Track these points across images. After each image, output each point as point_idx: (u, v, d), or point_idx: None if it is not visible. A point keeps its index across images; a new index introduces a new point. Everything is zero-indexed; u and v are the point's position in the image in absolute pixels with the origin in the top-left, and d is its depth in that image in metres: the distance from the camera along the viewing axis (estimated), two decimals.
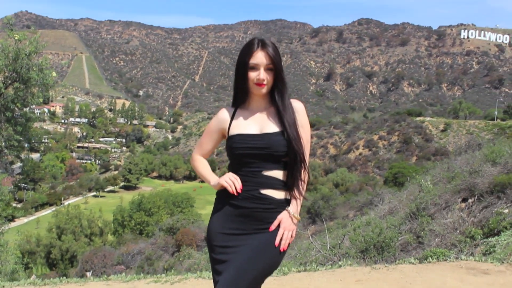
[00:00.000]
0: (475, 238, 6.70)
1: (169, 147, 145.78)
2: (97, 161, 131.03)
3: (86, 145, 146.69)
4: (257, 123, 2.62)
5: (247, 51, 2.61)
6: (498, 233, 6.56)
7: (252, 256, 2.53)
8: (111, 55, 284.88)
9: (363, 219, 9.69)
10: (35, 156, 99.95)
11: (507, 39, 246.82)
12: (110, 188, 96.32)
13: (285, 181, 2.60)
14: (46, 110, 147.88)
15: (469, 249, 6.50)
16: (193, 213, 42.65)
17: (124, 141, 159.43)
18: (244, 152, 2.57)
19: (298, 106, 2.68)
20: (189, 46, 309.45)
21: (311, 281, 5.47)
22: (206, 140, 2.80)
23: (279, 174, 2.59)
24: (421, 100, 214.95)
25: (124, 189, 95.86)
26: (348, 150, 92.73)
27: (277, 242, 2.56)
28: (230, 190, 2.57)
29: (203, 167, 2.79)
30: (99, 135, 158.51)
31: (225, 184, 2.58)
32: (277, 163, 2.57)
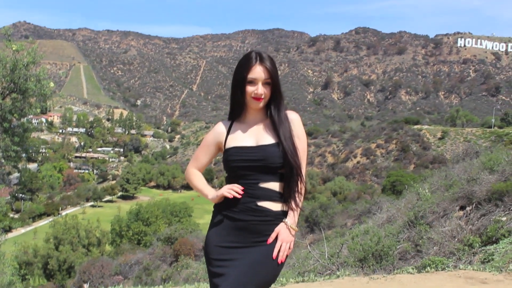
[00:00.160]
0: (473, 246, 6.69)
1: (167, 157, 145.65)
2: (95, 171, 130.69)
3: (83, 155, 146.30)
4: (253, 136, 2.62)
5: (245, 65, 2.61)
6: (496, 241, 6.56)
7: (250, 269, 2.51)
8: (109, 65, 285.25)
9: (361, 228, 9.68)
10: (33, 166, 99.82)
11: (503, 47, 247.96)
12: (107, 198, 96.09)
13: (282, 193, 2.59)
14: (43, 120, 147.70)
15: (468, 257, 6.49)
16: (191, 223, 42.57)
17: (122, 150, 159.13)
18: (240, 164, 2.57)
19: (293, 117, 2.66)
20: (186, 55, 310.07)
21: None
22: (202, 153, 2.78)
23: (276, 186, 2.58)
24: (418, 108, 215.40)
25: (122, 198, 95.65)
26: (346, 158, 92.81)
27: (275, 254, 2.54)
28: (231, 196, 2.55)
29: (199, 181, 2.78)
30: (96, 145, 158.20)
31: (225, 194, 2.57)
32: (273, 175, 2.56)
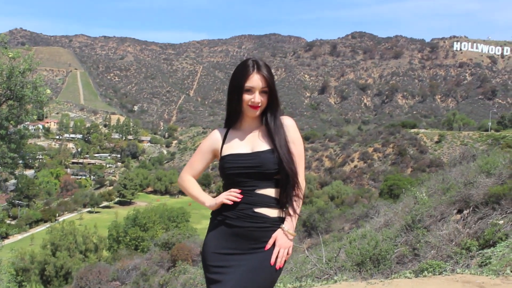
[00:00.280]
0: (470, 249, 6.69)
1: (164, 162, 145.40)
2: (92, 177, 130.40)
3: (80, 161, 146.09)
4: (249, 143, 2.63)
5: (242, 74, 2.61)
6: (493, 244, 6.56)
7: (247, 275, 2.51)
8: (105, 71, 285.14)
9: (358, 232, 9.67)
10: (30, 172, 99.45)
11: (499, 50, 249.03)
12: (105, 203, 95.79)
13: (279, 199, 2.60)
14: (40, 126, 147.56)
15: (465, 260, 6.49)
16: (188, 228, 42.38)
17: (119, 156, 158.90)
18: (236, 171, 2.57)
19: (288, 122, 2.67)
20: (183, 61, 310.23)
21: None
22: (197, 159, 2.77)
23: (272, 192, 2.58)
24: (415, 112, 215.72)
25: (119, 204, 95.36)
26: (343, 162, 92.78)
27: (272, 260, 2.55)
28: (231, 202, 2.56)
29: (195, 188, 2.77)
30: (93, 151, 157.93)
31: (225, 201, 2.58)
32: (269, 181, 2.57)
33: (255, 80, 2.58)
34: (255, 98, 2.58)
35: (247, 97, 2.60)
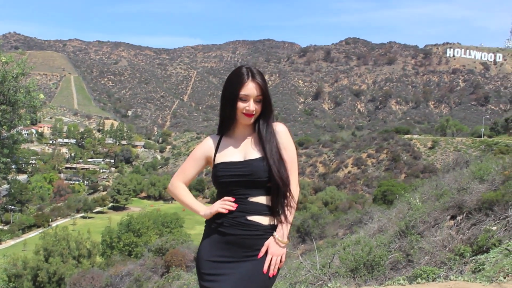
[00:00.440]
0: (464, 255, 6.70)
1: (158, 167, 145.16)
2: (85, 182, 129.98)
3: (74, 165, 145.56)
4: (241, 151, 2.63)
5: (236, 81, 2.60)
6: (487, 250, 6.57)
7: (241, 283, 2.51)
8: (99, 76, 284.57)
9: (352, 238, 9.68)
10: (23, 177, 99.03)
11: (492, 57, 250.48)
12: (98, 209, 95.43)
13: (271, 207, 2.59)
14: (34, 131, 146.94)
15: (459, 267, 6.50)
16: (182, 233, 42.29)
17: (112, 161, 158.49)
18: (228, 180, 2.57)
19: (280, 129, 2.66)
20: (177, 66, 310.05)
21: None
22: (190, 166, 2.76)
23: (265, 200, 2.58)
24: (408, 118, 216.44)
25: (112, 209, 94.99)
26: (337, 168, 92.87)
27: (265, 268, 2.54)
28: (226, 211, 2.56)
29: (187, 196, 2.75)
30: (87, 156, 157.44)
31: (220, 209, 2.57)
32: (262, 189, 2.56)
33: (250, 88, 2.58)
34: (250, 106, 2.58)
35: (241, 105, 2.59)
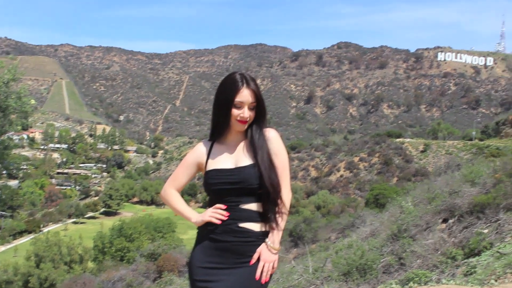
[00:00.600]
0: (456, 258, 6.73)
1: (150, 172, 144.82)
2: (77, 187, 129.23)
3: (66, 171, 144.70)
4: (233, 157, 2.62)
5: (231, 88, 2.59)
6: (478, 253, 6.60)
7: None
8: (91, 81, 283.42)
9: (345, 242, 9.69)
10: (14, 183, 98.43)
11: (482, 61, 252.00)
12: (90, 214, 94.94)
13: (262, 214, 2.59)
14: (25, 136, 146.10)
15: (451, 270, 6.52)
16: (174, 238, 42.22)
17: (104, 166, 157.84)
18: (219, 187, 2.57)
19: (271, 134, 2.65)
20: (169, 71, 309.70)
21: None
22: (181, 172, 2.75)
23: (256, 206, 2.58)
24: (400, 121, 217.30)
25: (104, 215, 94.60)
26: (329, 172, 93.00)
27: (257, 275, 2.54)
28: (219, 222, 2.55)
29: (179, 203, 2.74)
30: (79, 161, 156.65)
31: (209, 219, 2.57)
32: (253, 196, 2.56)
33: (245, 95, 2.57)
34: (244, 113, 2.57)
35: (236, 112, 2.58)
